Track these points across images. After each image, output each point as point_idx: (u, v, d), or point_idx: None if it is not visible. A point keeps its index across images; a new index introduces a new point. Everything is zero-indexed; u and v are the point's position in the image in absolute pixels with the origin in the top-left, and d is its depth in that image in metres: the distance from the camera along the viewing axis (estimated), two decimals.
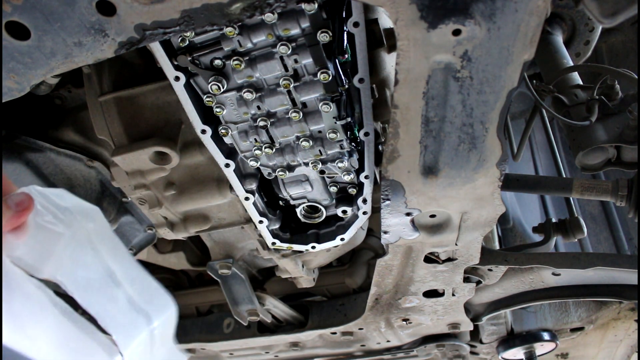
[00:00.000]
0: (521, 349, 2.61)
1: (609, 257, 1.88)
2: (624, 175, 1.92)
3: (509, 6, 0.91)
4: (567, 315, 2.54)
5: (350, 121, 1.34)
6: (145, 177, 1.57)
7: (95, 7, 0.94)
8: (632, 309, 2.43)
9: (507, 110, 1.13)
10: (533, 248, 2.11)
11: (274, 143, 1.42)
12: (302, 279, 2.06)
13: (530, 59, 1.01)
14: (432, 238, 1.61)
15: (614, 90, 1.77)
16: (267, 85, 1.29)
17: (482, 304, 2.34)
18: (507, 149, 1.23)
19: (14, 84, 1.07)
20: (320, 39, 1.14)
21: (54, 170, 1.81)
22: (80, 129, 1.80)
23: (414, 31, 0.97)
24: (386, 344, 2.56)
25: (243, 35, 1.17)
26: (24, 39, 0.99)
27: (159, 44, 1.17)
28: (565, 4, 2.24)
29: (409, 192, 1.39)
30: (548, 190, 2.00)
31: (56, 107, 1.79)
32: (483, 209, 1.46)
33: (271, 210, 1.67)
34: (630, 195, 1.74)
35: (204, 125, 1.34)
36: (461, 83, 1.07)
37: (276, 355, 2.71)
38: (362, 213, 1.60)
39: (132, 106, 1.52)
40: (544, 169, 3.05)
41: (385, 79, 1.44)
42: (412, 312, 2.22)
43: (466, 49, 1.00)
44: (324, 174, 1.52)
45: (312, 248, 1.72)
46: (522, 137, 2.00)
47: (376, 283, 1.99)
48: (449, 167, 1.29)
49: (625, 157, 1.77)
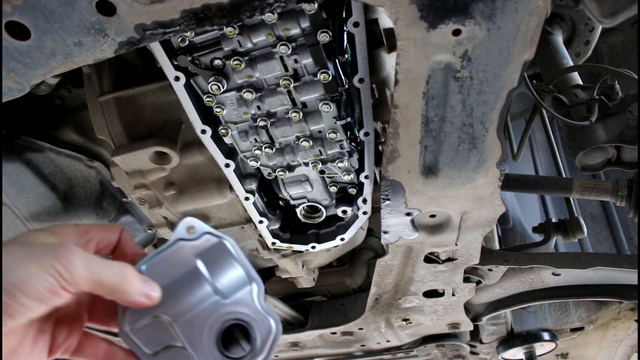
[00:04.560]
0: (521, 349, 2.61)
1: (609, 257, 1.88)
2: (624, 175, 1.92)
3: (509, 6, 0.91)
4: (567, 315, 2.54)
5: (350, 121, 1.34)
6: (145, 177, 1.57)
7: (95, 7, 0.93)
8: (632, 309, 2.43)
9: (507, 110, 1.13)
10: (533, 248, 2.11)
11: (274, 143, 1.42)
12: (302, 279, 2.06)
13: (530, 59, 1.01)
14: (432, 238, 1.61)
15: (614, 90, 1.77)
16: (267, 85, 1.29)
17: (482, 304, 2.34)
18: (507, 149, 1.23)
19: (14, 84, 1.07)
20: (320, 39, 1.14)
21: (54, 170, 1.82)
22: (80, 129, 1.80)
23: (414, 31, 0.96)
24: (386, 344, 2.56)
25: (243, 35, 1.17)
26: (24, 39, 0.99)
27: (159, 44, 1.17)
28: (565, 4, 2.24)
29: (409, 192, 1.39)
30: (548, 190, 2.00)
31: (56, 107, 1.79)
32: (483, 209, 1.46)
33: (271, 210, 1.67)
34: (630, 195, 1.74)
35: (204, 125, 1.34)
36: (461, 83, 1.07)
37: (276, 355, 2.71)
38: (362, 213, 1.60)
39: (132, 106, 1.52)
40: (544, 169, 3.05)
41: (385, 79, 1.44)
42: (412, 312, 2.22)
43: (466, 49, 1.00)
44: (324, 174, 1.52)
45: (312, 248, 1.72)
46: (522, 137, 2.00)
47: (376, 283, 1.99)
48: (449, 167, 1.29)
49: (625, 157, 1.77)
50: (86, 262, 0.73)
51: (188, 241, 0.86)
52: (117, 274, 0.78)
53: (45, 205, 1.82)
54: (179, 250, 0.85)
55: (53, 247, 0.72)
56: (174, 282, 0.84)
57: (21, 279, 0.67)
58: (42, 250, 0.71)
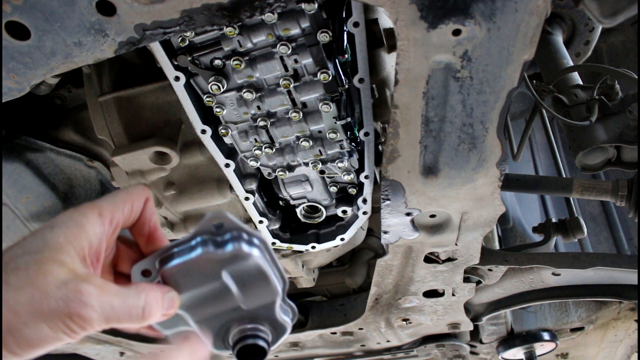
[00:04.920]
0: (521, 349, 2.61)
1: (609, 257, 1.88)
2: (624, 175, 1.92)
3: (509, 6, 0.91)
4: (567, 315, 2.54)
5: (350, 121, 1.34)
6: (145, 177, 1.57)
7: (95, 7, 0.93)
8: (632, 309, 2.43)
9: (507, 110, 1.13)
10: (533, 248, 2.11)
11: (274, 143, 1.42)
12: (302, 279, 2.06)
13: (530, 59, 1.01)
14: (432, 238, 1.61)
15: (614, 90, 1.77)
16: (267, 85, 1.29)
17: (482, 304, 2.34)
18: (507, 149, 1.23)
19: (14, 84, 1.07)
20: (320, 39, 1.14)
21: (54, 170, 1.82)
22: (80, 129, 1.80)
23: (414, 31, 0.96)
24: (386, 344, 2.56)
25: (243, 35, 1.17)
26: (24, 39, 0.99)
27: (159, 44, 1.17)
28: (565, 4, 2.24)
29: (409, 192, 1.39)
30: (548, 190, 2.00)
31: (56, 107, 1.79)
32: (483, 209, 1.46)
33: (271, 210, 1.67)
34: (630, 195, 1.74)
35: (204, 125, 1.34)
36: (461, 83, 1.07)
37: (276, 355, 2.71)
38: (362, 213, 1.60)
39: (132, 106, 1.52)
40: (544, 169, 3.05)
41: (385, 79, 1.44)
42: (412, 312, 2.21)
43: (466, 49, 1.00)
44: (324, 174, 1.52)
45: (312, 248, 1.72)
46: (522, 137, 2.00)
47: (376, 283, 1.99)
48: (449, 167, 1.29)
49: (625, 157, 1.77)
50: (102, 308, 0.68)
51: (215, 248, 0.77)
52: (136, 308, 0.73)
53: (45, 205, 1.82)
54: (204, 259, 0.77)
55: (66, 300, 0.65)
56: (196, 290, 0.80)
57: (31, 338, 0.64)
58: (53, 306, 0.64)
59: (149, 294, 0.76)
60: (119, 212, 0.78)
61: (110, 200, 0.78)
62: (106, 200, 0.77)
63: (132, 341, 2.48)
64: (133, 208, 0.80)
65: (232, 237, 0.78)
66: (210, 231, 0.79)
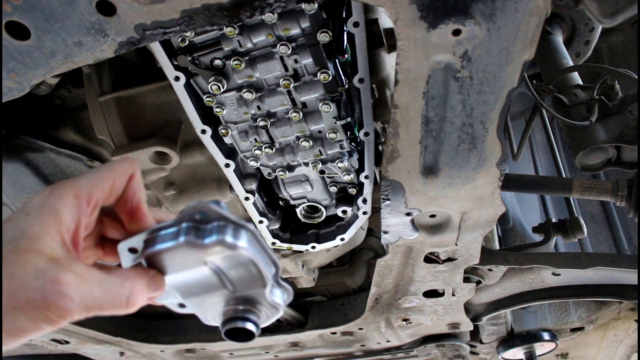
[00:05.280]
0: (521, 349, 2.61)
1: (609, 257, 1.88)
2: (624, 175, 1.92)
3: (509, 6, 0.91)
4: (567, 315, 2.54)
5: (350, 121, 1.34)
6: (145, 177, 1.57)
7: (95, 7, 0.93)
8: (632, 309, 2.43)
9: (507, 110, 1.13)
10: (533, 248, 2.11)
11: (274, 143, 1.42)
12: (302, 279, 2.06)
13: (530, 59, 1.01)
14: (432, 238, 1.61)
15: (614, 90, 1.77)
16: (267, 85, 1.29)
17: (482, 304, 2.34)
18: (507, 149, 1.23)
19: (14, 84, 1.07)
20: (320, 39, 1.14)
21: (54, 170, 1.81)
22: (80, 129, 1.80)
23: (414, 31, 0.96)
24: (386, 344, 2.56)
25: (243, 35, 1.17)
26: (24, 39, 0.99)
27: (159, 44, 1.17)
28: (565, 4, 2.24)
29: (409, 192, 1.39)
30: (548, 190, 2.00)
31: (56, 107, 1.79)
32: (483, 209, 1.46)
33: (271, 210, 1.67)
34: (630, 195, 1.74)
35: (204, 125, 1.34)
36: (461, 83, 1.07)
37: (276, 355, 2.71)
38: (362, 213, 1.60)
39: (132, 106, 1.52)
40: (544, 169, 3.05)
41: (385, 79, 1.44)
42: (412, 312, 2.22)
43: (466, 49, 1.00)
44: (324, 174, 1.52)
45: (312, 248, 1.72)
46: (522, 137, 2.00)
47: (376, 283, 1.99)
48: (449, 167, 1.29)
49: (625, 157, 1.77)
50: (82, 297, 0.67)
51: (197, 237, 0.75)
52: (120, 297, 0.72)
53: None
54: (187, 247, 0.76)
55: (44, 291, 0.64)
56: (182, 274, 0.79)
57: (11, 329, 0.63)
58: (31, 297, 0.64)
59: (135, 283, 0.74)
60: (98, 191, 0.74)
61: (89, 178, 0.75)
62: (85, 178, 0.74)
63: (132, 341, 2.48)
64: (115, 185, 0.77)
65: (217, 226, 0.77)
66: (194, 219, 0.78)
